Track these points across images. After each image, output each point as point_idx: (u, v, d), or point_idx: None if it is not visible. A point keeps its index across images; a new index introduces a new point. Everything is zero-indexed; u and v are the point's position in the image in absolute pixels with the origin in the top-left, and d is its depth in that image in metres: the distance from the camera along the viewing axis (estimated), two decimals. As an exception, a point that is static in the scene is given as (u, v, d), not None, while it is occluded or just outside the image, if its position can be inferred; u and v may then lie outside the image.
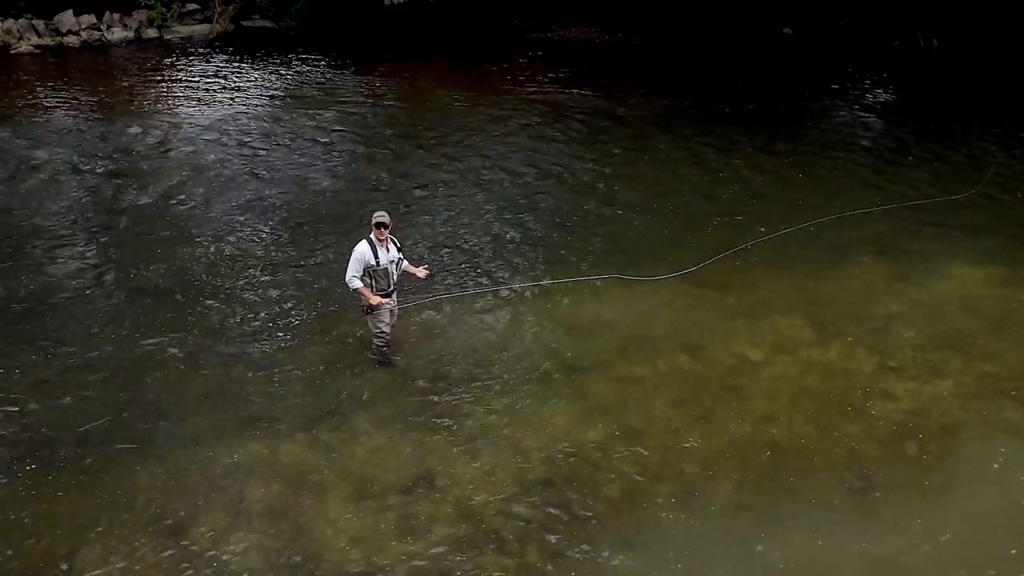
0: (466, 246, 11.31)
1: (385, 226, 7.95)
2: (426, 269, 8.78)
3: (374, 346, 8.47)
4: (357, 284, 7.97)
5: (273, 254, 11.03)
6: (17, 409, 7.81)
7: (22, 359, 8.57)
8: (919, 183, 13.64)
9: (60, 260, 10.68)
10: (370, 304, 8.06)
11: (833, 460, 7.24)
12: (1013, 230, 11.86)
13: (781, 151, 15.18)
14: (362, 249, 7.93)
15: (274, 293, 10.00)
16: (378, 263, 7.96)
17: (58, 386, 8.13)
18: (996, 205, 12.78)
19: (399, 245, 8.29)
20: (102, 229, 11.62)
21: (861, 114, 18.11)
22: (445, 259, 10.91)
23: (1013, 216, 12.42)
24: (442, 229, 11.80)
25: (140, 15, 24.08)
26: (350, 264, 7.98)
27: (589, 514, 6.65)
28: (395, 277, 8.20)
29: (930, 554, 6.30)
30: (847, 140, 16.17)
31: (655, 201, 12.88)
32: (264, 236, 11.55)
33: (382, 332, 8.31)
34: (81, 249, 11.00)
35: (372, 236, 8.00)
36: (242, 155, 14.67)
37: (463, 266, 10.75)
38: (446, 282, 10.25)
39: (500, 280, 10.35)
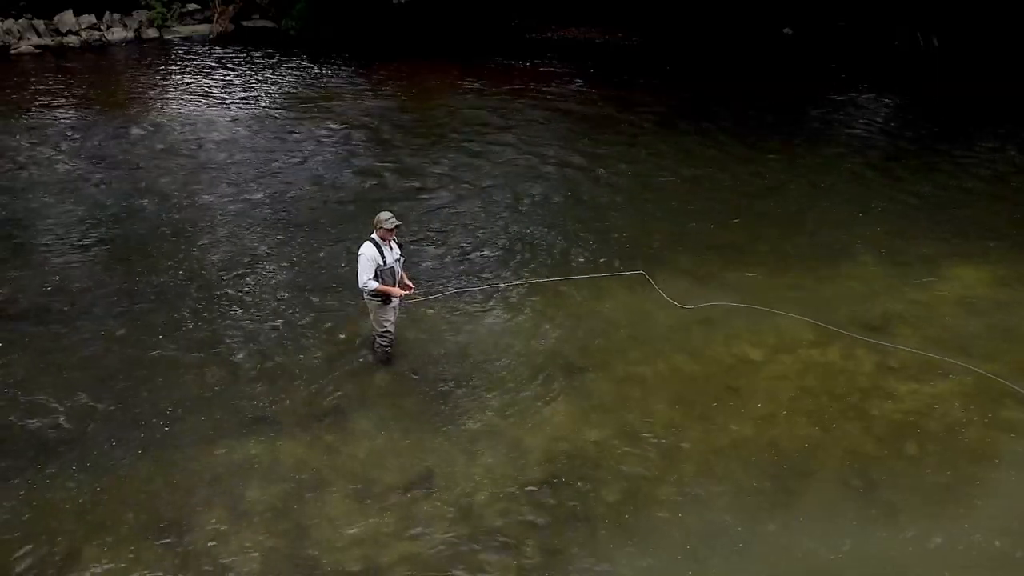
0: (468, 244, 11.31)
1: (395, 229, 7.91)
2: (411, 284, 8.41)
3: (377, 345, 8.46)
4: (375, 284, 7.88)
5: (273, 253, 11.03)
6: (18, 411, 7.81)
7: (21, 360, 8.57)
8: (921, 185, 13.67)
9: (59, 260, 10.68)
10: (389, 296, 8.00)
11: (833, 460, 7.25)
12: (1013, 230, 11.88)
13: (782, 152, 15.20)
14: (369, 251, 7.84)
15: (275, 292, 10.00)
16: (385, 262, 7.94)
17: (57, 387, 8.12)
18: (996, 205, 12.80)
19: (400, 243, 8.26)
20: (102, 229, 11.61)
21: (863, 114, 18.11)
22: (447, 257, 10.91)
23: (1013, 216, 12.44)
24: (443, 227, 11.80)
25: (140, 15, 24.13)
26: (361, 268, 7.86)
27: (589, 514, 6.65)
28: (399, 275, 8.19)
29: (931, 554, 6.30)
30: (851, 141, 16.18)
31: (656, 202, 12.90)
32: (264, 235, 11.54)
33: (387, 331, 8.30)
34: (81, 249, 10.99)
35: (375, 236, 7.93)
36: (242, 155, 14.67)
37: (464, 264, 10.75)
38: (448, 281, 10.25)
39: (501, 279, 10.34)
